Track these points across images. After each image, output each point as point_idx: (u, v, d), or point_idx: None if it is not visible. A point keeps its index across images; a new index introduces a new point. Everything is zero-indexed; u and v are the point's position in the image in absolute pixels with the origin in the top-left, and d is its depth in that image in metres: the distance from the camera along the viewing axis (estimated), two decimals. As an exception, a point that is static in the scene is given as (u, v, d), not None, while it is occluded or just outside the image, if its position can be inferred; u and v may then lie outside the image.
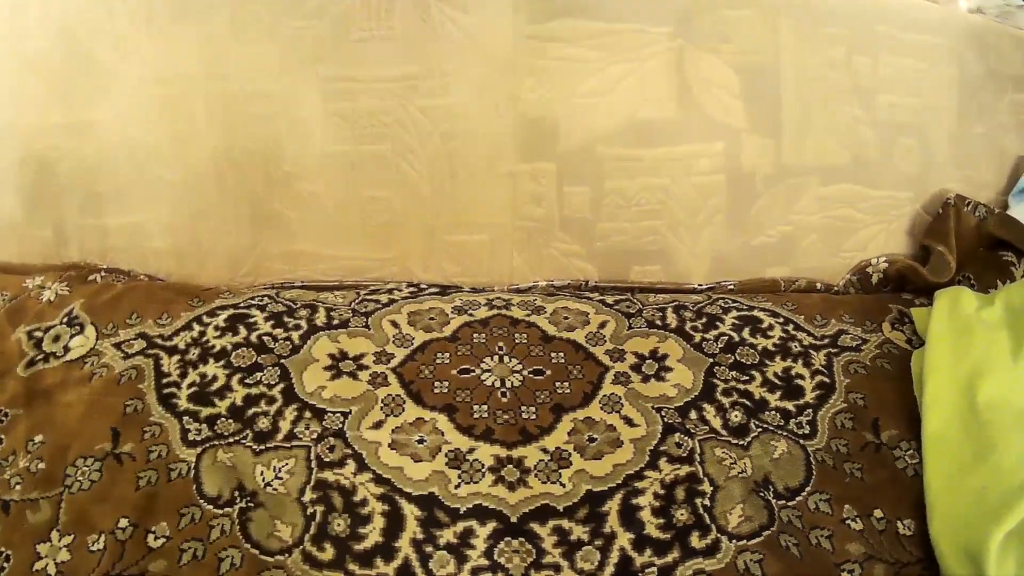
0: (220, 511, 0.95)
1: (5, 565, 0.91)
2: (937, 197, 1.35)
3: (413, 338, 1.16)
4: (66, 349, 1.12)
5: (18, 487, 0.97)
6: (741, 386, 1.12)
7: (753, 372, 1.14)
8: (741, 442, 1.05)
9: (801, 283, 1.34)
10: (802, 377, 1.14)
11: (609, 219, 1.27)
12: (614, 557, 0.93)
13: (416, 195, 1.26)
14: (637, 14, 1.21)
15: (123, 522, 0.94)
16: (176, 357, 1.11)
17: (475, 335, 1.17)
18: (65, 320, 1.15)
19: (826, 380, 1.14)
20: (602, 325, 1.19)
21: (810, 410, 1.10)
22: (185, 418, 1.04)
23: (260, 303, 1.19)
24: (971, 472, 0.98)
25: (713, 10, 1.22)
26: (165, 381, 1.08)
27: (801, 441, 1.06)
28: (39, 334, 1.13)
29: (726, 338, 1.18)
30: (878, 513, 0.99)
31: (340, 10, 1.19)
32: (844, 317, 1.24)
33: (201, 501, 0.96)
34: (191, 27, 1.22)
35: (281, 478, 0.98)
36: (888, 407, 1.10)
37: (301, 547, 0.93)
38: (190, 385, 1.08)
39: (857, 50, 1.27)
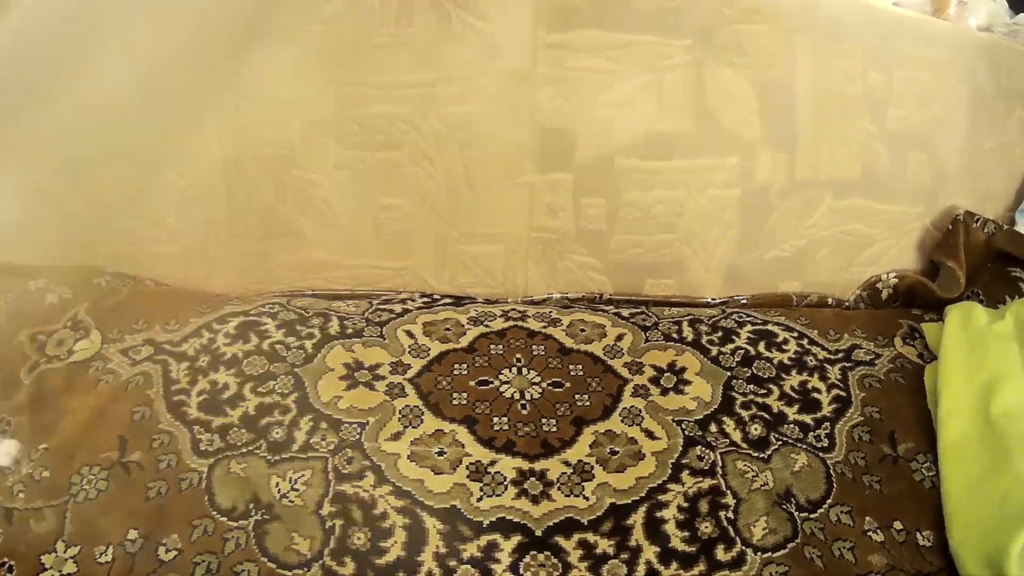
0: (235, 523, 0.93)
1: (8, 576, 0.88)
2: (946, 213, 1.37)
3: (429, 349, 1.14)
4: (70, 353, 1.08)
5: (21, 495, 0.93)
6: (759, 399, 1.12)
7: (770, 386, 1.14)
8: (762, 455, 1.05)
9: (813, 298, 1.34)
10: (818, 391, 1.15)
11: (625, 231, 1.27)
12: (641, 570, 0.92)
13: (431, 204, 1.24)
14: (657, 26, 1.20)
15: (132, 533, 0.91)
16: (185, 364, 1.08)
17: (492, 346, 1.15)
18: (69, 324, 1.12)
19: (842, 394, 1.14)
20: (619, 338, 1.19)
21: (828, 423, 1.11)
22: (196, 427, 1.01)
23: (271, 311, 1.17)
24: (989, 482, 1.00)
25: (731, 24, 1.22)
26: (174, 388, 1.05)
27: (820, 454, 1.06)
28: (42, 337, 1.10)
29: (742, 352, 1.18)
30: (898, 524, 1.00)
31: (358, 15, 1.17)
32: (857, 332, 1.25)
33: (214, 513, 0.93)
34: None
35: (297, 490, 0.96)
36: (903, 420, 1.12)
37: (320, 561, 0.90)
38: (200, 393, 1.05)
39: (871, 65, 1.29)
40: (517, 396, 1.09)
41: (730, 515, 0.98)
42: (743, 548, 0.95)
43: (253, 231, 1.24)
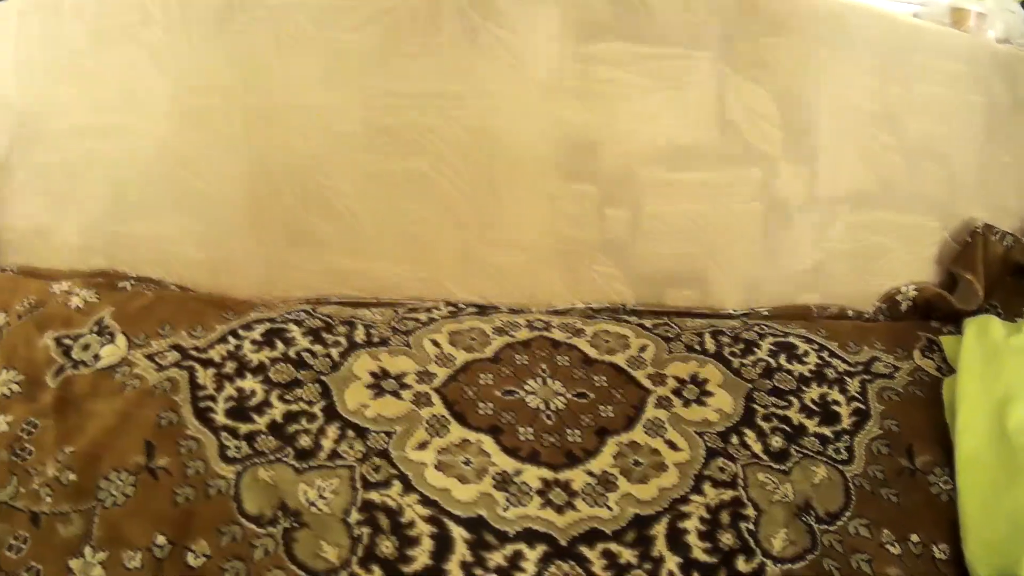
0: (263, 530, 0.94)
1: (35, 581, 0.88)
2: (964, 225, 1.39)
3: (455, 358, 1.15)
4: (96, 358, 1.09)
5: (48, 499, 0.94)
6: (780, 411, 1.13)
7: (791, 398, 1.15)
8: (782, 467, 1.06)
9: (833, 310, 1.35)
10: (838, 403, 1.16)
11: (648, 243, 1.28)
12: (663, 581, 0.93)
13: (456, 214, 1.25)
14: (681, 39, 1.21)
15: (160, 539, 0.92)
16: (212, 370, 1.09)
17: (517, 356, 1.16)
18: (95, 328, 1.12)
19: (861, 407, 1.16)
20: (642, 349, 1.20)
21: (847, 436, 1.12)
22: (223, 434, 1.02)
23: (297, 318, 1.17)
24: (1005, 495, 1.01)
25: (754, 37, 1.23)
26: (201, 394, 1.06)
27: (840, 467, 1.07)
28: (68, 342, 1.10)
29: (764, 364, 1.19)
30: (915, 537, 1.01)
31: (386, 25, 1.18)
32: (876, 344, 1.26)
33: (242, 520, 0.94)
34: (231, 37, 1.20)
35: (325, 498, 0.97)
36: (921, 433, 1.13)
37: (348, 569, 0.91)
38: (227, 399, 1.06)
39: (890, 78, 1.30)
40: (542, 407, 1.10)
41: (751, 526, 0.99)
42: (763, 559, 0.96)
43: (278, 239, 1.24)
